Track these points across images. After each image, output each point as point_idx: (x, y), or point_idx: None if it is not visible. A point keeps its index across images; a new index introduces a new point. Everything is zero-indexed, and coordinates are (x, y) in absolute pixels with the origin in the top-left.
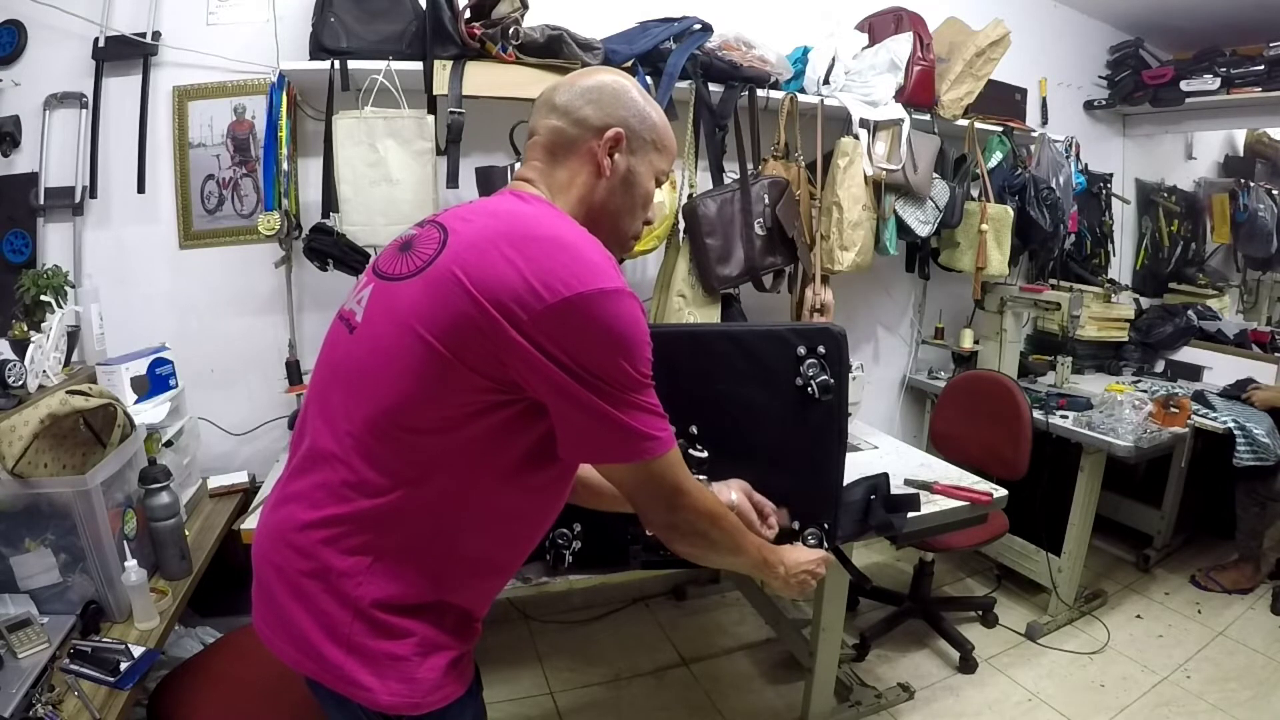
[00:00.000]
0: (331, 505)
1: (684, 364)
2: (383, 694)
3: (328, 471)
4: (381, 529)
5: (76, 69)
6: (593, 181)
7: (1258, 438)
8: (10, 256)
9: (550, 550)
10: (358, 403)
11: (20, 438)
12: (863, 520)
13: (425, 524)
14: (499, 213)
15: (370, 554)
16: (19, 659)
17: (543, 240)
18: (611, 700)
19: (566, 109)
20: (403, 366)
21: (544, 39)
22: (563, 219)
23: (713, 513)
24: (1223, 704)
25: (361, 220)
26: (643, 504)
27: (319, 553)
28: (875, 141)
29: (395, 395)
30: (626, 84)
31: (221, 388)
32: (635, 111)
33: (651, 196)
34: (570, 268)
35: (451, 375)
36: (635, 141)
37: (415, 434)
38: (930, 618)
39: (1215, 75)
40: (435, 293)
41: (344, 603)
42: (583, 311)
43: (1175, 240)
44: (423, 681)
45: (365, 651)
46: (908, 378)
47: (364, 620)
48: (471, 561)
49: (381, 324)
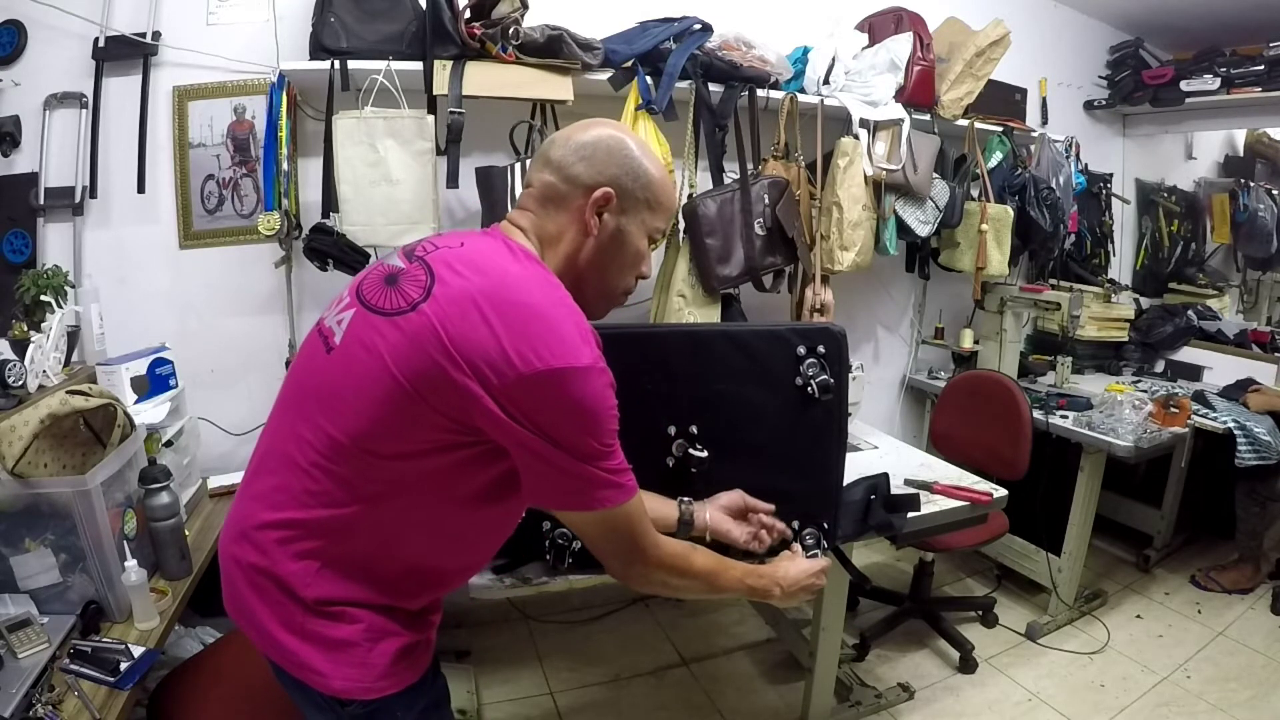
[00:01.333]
0: (290, 509)
1: (684, 364)
2: (335, 679)
3: (289, 477)
4: (334, 537)
5: (76, 69)
6: (580, 240)
7: (1259, 436)
8: (10, 256)
9: (550, 550)
10: (326, 420)
11: (20, 438)
12: (863, 520)
13: (377, 537)
14: (487, 270)
15: (319, 559)
16: (19, 659)
17: (522, 308)
18: (611, 700)
19: (559, 165)
20: (372, 398)
21: (544, 39)
22: (546, 285)
23: (673, 564)
24: (1223, 704)
25: (361, 220)
26: (600, 552)
27: (272, 551)
28: (875, 141)
29: (362, 422)
30: (624, 141)
31: (221, 388)
32: (629, 169)
33: (643, 255)
34: (545, 340)
35: (418, 415)
36: (627, 200)
37: (377, 458)
38: (930, 618)
39: (1215, 75)
40: (414, 341)
41: (293, 598)
42: (552, 386)
43: (1175, 240)
44: (373, 667)
45: (318, 637)
46: (908, 378)
47: (313, 612)
48: (422, 571)
49: (358, 353)
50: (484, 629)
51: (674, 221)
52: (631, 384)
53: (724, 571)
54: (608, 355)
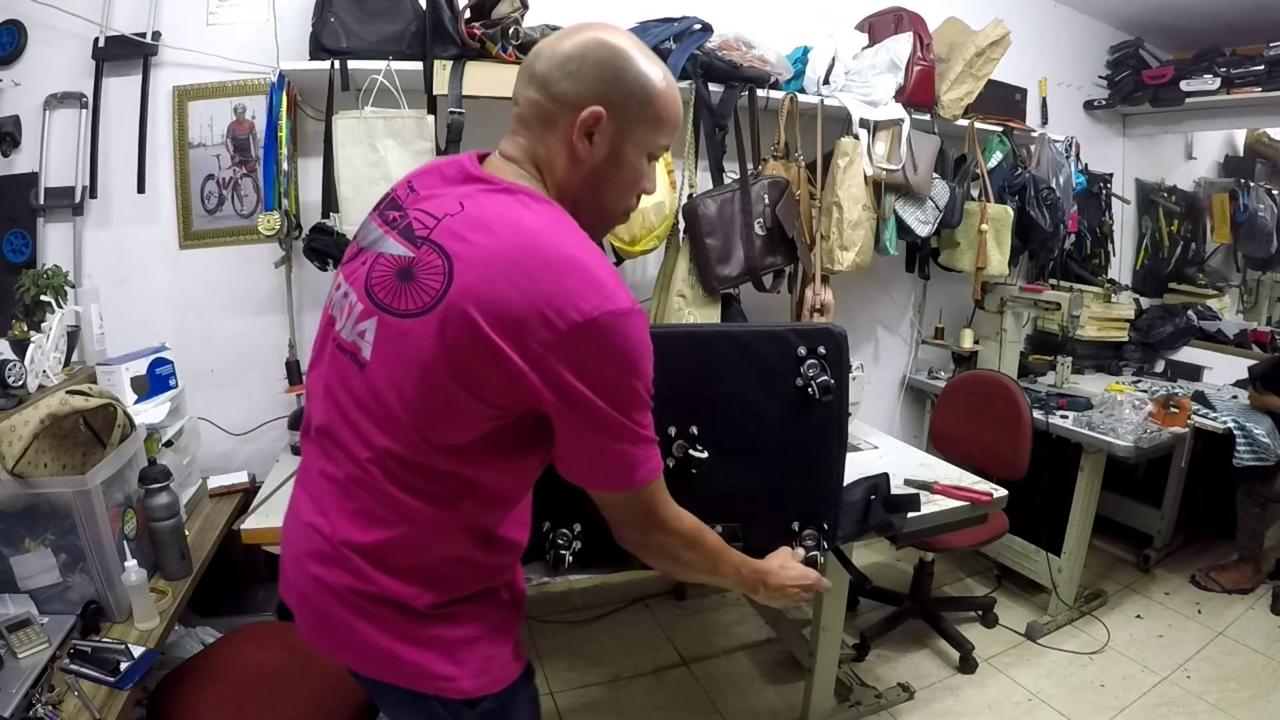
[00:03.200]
0: (377, 531)
1: (684, 364)
2: (464, 679)
3: (367, 501)
4: (427, 544)
5: (76, 69)
6: (570, 164)
7: (1258, 438)
8: (10, 256)
9: (550, 550)
10: (387, 438)
11: (20, 438)
12: (863, 520)
13: (464, 531)
14: (500, 231)
15: (419, 569)
16: (19, 659)
17: (552, 263)
18: (611, 700)
19: (544, 80)
20: (424, 408)
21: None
22: (566, 229)
23: (689, 537)
24: (1223, 704)
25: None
26: (619, 522)
27: (370, 574)
28: (875, 141)
29: (420, 432)
30: (617, 47)
31: (221, 388)
32: (622, 83)
33: (641, 174)
34: (581, 291)
35: (469, 409)
36: (621, 118)
37: (443, 458)
38: (930, 618)
39: (1215, 75)
40: (449, 332)
41: (405, 611)
42: (597, 335)
43: (1175, 240)
44: (498, 657)
45: (439, 643)
46: (908, 378)
47: (431, 618)
48: (503, 542)
49: (395, 362)
50: None
51: (674, 221)
52: None
53: (726, 554)
54: None
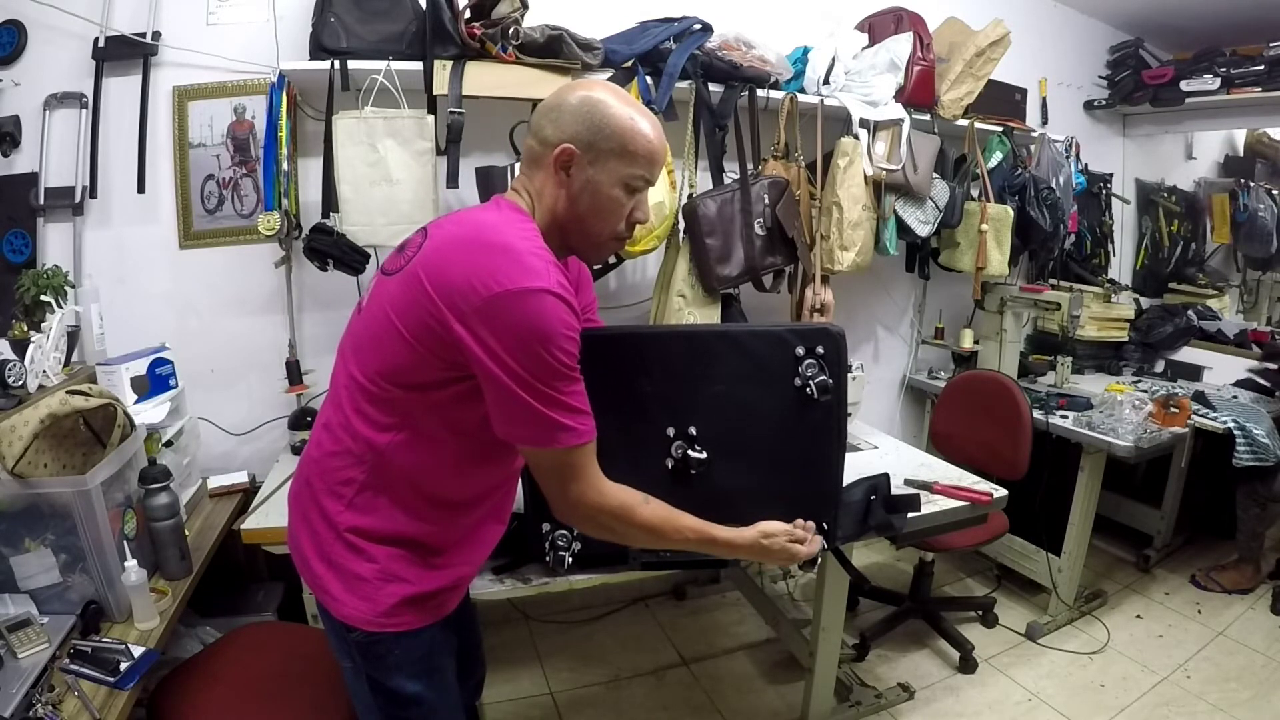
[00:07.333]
0: (332, 443)
1: (683, 364)
2: (346, 605)
3: (334, 415)
4: (364, 466)
5: (76, 69)
6: (555, 193)
7: (1257, 438)
8: (10, 256)
9: (550, 551)
10: (356, 366)
11: (20, 438)
12: (863, 520)
13: (399, 466)
14: (466, 221)
15: (353, 486)
16: (19, 659)
17: (490, 246)
18: (611, 700)
19: (535, 128)
20: (383, 344)
21: (544, 39)
22: (514, 225)
23: (616, 510)
24: (1223, 704)
25: (361, 220)
26: (546, 488)
27: (316, 482)
28: (875, 141)
29: (378, 364)
30: (595, 98)
31: (221, 388)
32: (591, 125)
33: (620, 202)
34: (505, 268)
35: (416, 356)
36: (591, 153)
37: (394, 392)
38: (930, 618)
39: (1215, 75)
40: (407, 290)
41: (329, 525)
42: (511, 306)
43: (1175, 240)
44: (378, 604)
45: (339, 568)
46: (908, 378)
47: (341, 542)
48: (440, 503)
49: (373, 309)
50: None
51: (674, 221)
52: (631, 385)
53: (672, 522)
54: (608, 356)
